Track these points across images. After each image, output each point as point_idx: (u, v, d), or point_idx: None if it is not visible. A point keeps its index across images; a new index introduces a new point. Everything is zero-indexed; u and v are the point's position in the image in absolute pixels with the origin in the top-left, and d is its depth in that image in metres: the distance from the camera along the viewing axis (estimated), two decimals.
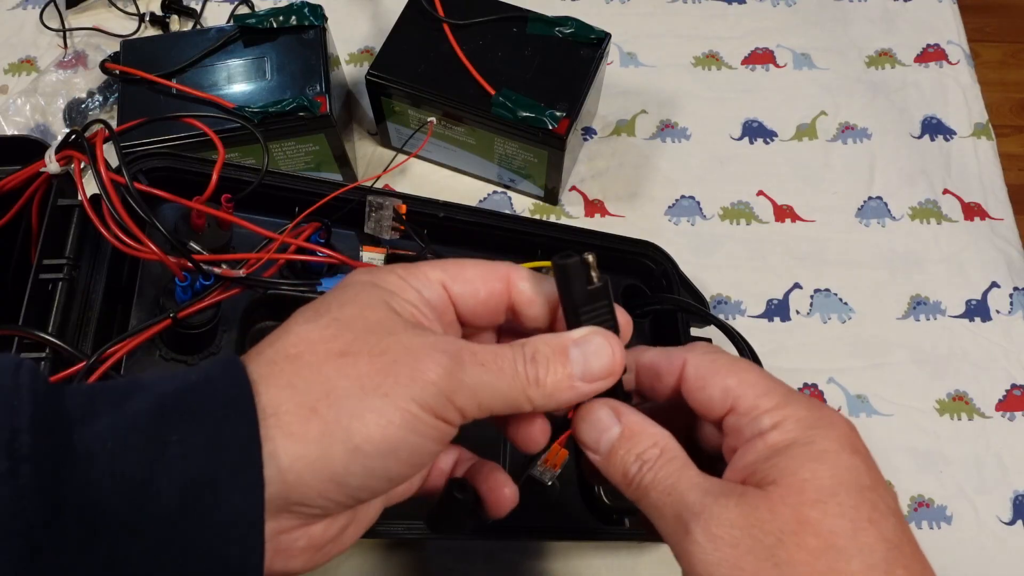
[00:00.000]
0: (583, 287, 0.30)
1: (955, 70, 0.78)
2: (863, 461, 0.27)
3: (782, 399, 0.29)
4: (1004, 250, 0.70)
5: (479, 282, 0.31)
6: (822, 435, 0.27)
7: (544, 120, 0.60)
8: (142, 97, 0.62)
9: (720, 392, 0.30)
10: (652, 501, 0.29)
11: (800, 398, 0.29)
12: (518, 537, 0.56)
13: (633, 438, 0.30)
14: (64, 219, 0.47)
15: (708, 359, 0.31)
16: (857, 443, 0.28)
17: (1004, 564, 0.59)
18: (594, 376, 0.30)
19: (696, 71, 0.78)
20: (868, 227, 0.71)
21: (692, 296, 0.60)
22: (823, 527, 0.25)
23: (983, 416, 0.63)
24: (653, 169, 0.73)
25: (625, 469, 0.30)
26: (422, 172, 0.72)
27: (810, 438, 0.27)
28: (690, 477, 0.28)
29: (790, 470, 0.27)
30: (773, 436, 0.28)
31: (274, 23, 0.64)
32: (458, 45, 0.64)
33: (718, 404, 0.30)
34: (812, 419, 0.28)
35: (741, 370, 0.30)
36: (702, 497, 0.27)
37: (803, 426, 0.28)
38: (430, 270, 0.31)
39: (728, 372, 0.30)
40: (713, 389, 0.30)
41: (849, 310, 0.67)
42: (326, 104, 0.61)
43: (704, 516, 0.27)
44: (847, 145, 0.74)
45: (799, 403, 0.28)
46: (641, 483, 0.29)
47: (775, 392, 0.29)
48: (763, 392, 0.29)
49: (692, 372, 0.31)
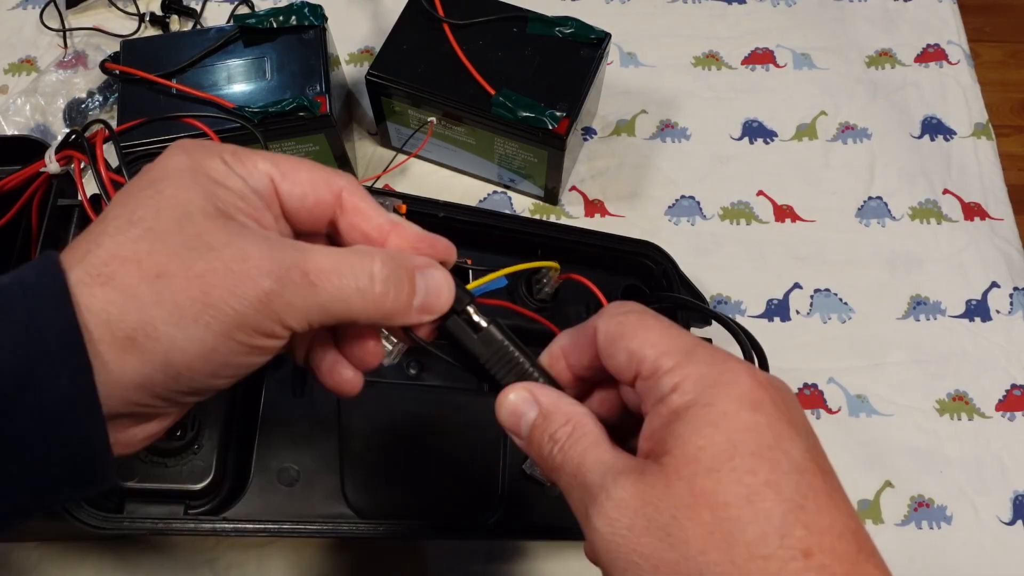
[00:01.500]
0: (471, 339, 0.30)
1: (955, 70, 0.78)
2: (765, 416, 0.25)
3: (683, 356, 0.26)
4: (1004, 250, 0.70)
5: (308, 186, 0.29)
6: (722, 393, 0.25)
7: (544, 120, 0.60)
8: (142, 97, 0.62)
9: (626, 356, 0.27)
10: (563, 483, 0.28)
11: (703, 353, 0.26)
12: (518, 537, 0.56)
13: (548, 418, 0.29)
14: (64, 219, 0.47)
15: (615, 322, 0.28)
16: (760, 396, 0.25)
17: (1004, 564, 0.59)
18: (431, 310, 0.30)
19: (696, 71, 0.78)
20: (868, 227, 0.71)
21: (692, 296, 0.60)
22: (717, 498, 0.24)
23: (983, 416, 0.63)
24: (653, 169, 0.73)
25: (540, 450, 0.29)
26: (422, 172, 0.72)
27: (708, 398, 0.25)
28: (597, 455, 0.27)
29: (685, 437, 0.25)
30: (673, 399, 0.26)
31: (274, 23, 0.64)
32: (458, 45, 0.64)
33: (626, 368, 0.28)
34: (713, 376, 0.26)
35: (645, 329, 0.27)
36: (602, 477, 0.26)
37: (702, 385, 0.25)
38: (261, 161, 0.29)
39: (633, 334, 0.27)
40: (620, 354, 0.28)
41: (849, 310, 0.67)
42: (326, 104, 0.61)
43: (600, 499, 0.25)
44: (847, 145, 0.74)
45: (700, 359, 0.26)
46: (553, 464, 0.28)
47: (676, 350, 0.27)
48: (663, 351, 0.27)
49: (602, 339, 0.29)
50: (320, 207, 0.30)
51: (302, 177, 0.29)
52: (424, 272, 0.30)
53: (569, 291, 0.55)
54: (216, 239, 0.26)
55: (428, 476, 0.52)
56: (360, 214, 0.30)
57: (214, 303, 0.25)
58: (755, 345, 0.51)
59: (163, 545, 0.56)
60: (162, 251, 0.26)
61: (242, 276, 0.26)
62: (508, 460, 0.53)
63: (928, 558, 0.59)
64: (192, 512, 0.46)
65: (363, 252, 0.28)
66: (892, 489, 0.61)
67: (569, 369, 0.31)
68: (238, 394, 0.49)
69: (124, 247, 0.26)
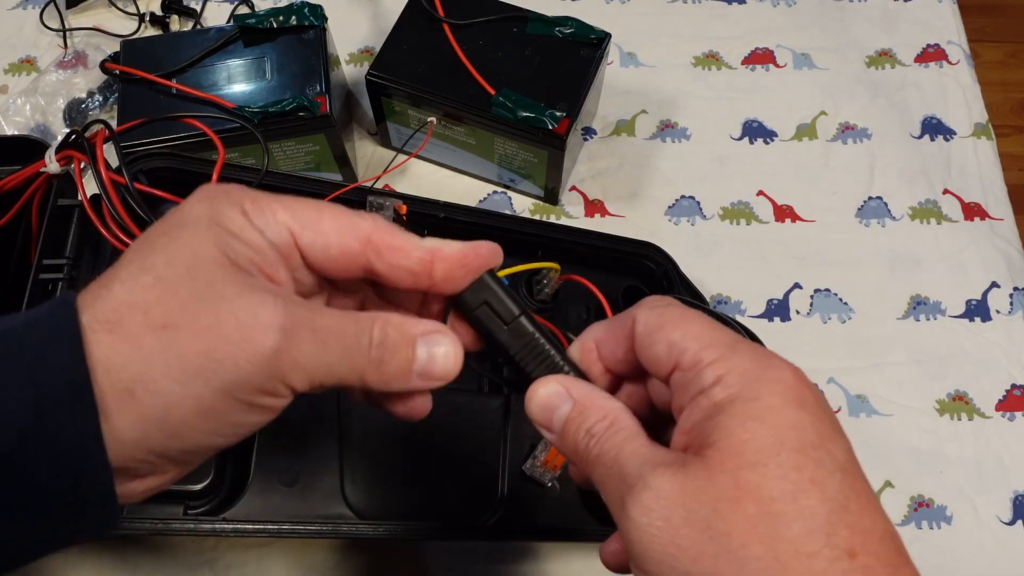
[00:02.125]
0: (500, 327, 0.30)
1: (955, 70, 0.78)
2: (810, 414, 0.25)
3: (727, 349, 0.26)
4: (1004, 250, 0.70)
5: (332, 236, 0.28)
6: (767, 389, 0.25)
7: (544, 120, 0.60)
8: (142, 97, 0.62)
9: (666, 347, 0.27)
10: (598, 476, 0.27)
11: (747, 348, 0.26)
12: (518, 537, 0.56)
13: (584, 412, 0.28)
14: (64, 219, 0.47)
15: (656, 313, 0.28)
16: (805, 394, 0.26)
17: (1004, 564, 0.59)
18: (432, 377, 0.29)
19: (696, 71, 0.78)
20: (868, 227, 0.71)
21: (692, 296, 0.60)
22: (762, 492, 0.23)
23: (983, 416, 0.63)
24: (653, 169, 0.73)
25: (576, 444, 0.28)
26: (422, 172, 0.72)
27: (754, 393, 0.25)
28: (634, 448, 0.27)
29: (729, 430, 0.24)
30: (716, 392, 0.25)
31: (274, 23, 0.64)
32: (458, 45, 0.64)
33: (664, 360, 0.27)
34: (756, 371, 0.26)
35: (687, 322, 0.27)
36: (640, 468, 0.25)
37: (747, 379, 0.25)
38: (281, 211, 0.28)
39: (674, 326, 0.27)
40: (659, 345, 0.27)
41: (849, 310, 0.67)
42: (326, 104, 0.61)
43: (638, 488, 0.25)
44: (847, 145, 0.74)
45: (744, 353, 0.26)
46: (588, 457, 0.28)
47: (719, 343, 0.26)
48: (707, 344, 0.26)
49: (641, 329, 0.28)
50: (346, 256, 0.29)
51: (324, 227, 0.28)
52: (428, 338, 0.29)
53: (569, 292, 0.55)
54: (227, 290, 0.26)
55: (428, 476, 0.52)
56: (398, 252, 0.29)
57: (219, 358, 0.25)
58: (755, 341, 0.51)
59: (163, 545, 0.56)
60: (171, 301, 0.25)
61: (252, 330, 0.25)
62: (508, 460, 0.53)
63: (928, 558, 0.59)
64: (192, 512, 0.46)
65: (367, 317, 0.28)
66: (892, 489, 0.61)
67: (601, 361, 0.31)
68: None
69: (134, 294, 0.25)
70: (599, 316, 0.55)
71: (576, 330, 0.55)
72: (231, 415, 0.26)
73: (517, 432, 0.53)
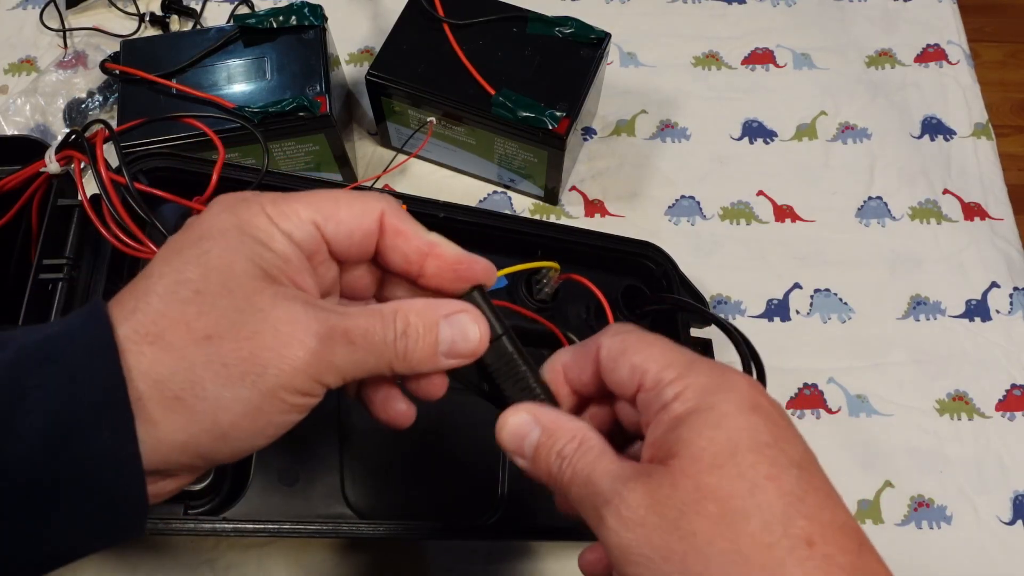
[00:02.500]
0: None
1: (955, 70, 0.78)
2: (764, 418, 0.27)
3: (684, 368, 0.28)
4: (1004, 250, 0.70)
5: (353, 222, 0.30)
6: (721, 399, 0.27)
7: (544, 120, 0.60)
8: (142, 97, 0.62)
9: (628, 370, 0.29)
10: (574, 495, 0.29)
11: (703, 365, 0.28)
12: (518, 537, 0.56)
13: (552, 436, 0.30)
14: (64, 219, 0.47)
15: (618, 340, 0.30)
16: (759, 400, 0.27)
17: (1004, 564, 0.59)
18: (459, 355, 0.30)
19: (696, 71, 0.78)
20: (868, 227, 0.71)
21: (692, 296, 0.60)
22: (721, 491, 0.25)
23: (983, 416, 0.63)
24: (653, 169, 0.73)
25: (548, 468, 0.29)
26: (422, 172, 0.72)
27: (709, 404, 0.27)
28: (604, 465, 0.28)
29: (689, 440, 0.26)
30: (675, 407, 0.27)
31: (274, 23, 0.64)
32: (458, 45, 0.64)
33: (627, 382, 0.29)
34: (712, 385, 0.27)
35: (647, 345, 0.30)
36: (612, 483, 0.27)
37: (702, 393, 0.27)
38: (303, 209, 0.29)
39: (635, 349, 0.30)
40: (623, 369, 0.30)
41: (849, 310, 0.67)
42: (326, 104, 0.61)
43: (614, 502, 0.27)
44: (847, 145, 0.74)
45: (700, 370, 0.28)
46: (563, 479, 0.29)
47: (678, 362, 0.29)
48: (666, 364, 0.29)
49: (605, 355, 0.31)
50: (367, 238, 0.31)
51: (343, 215, 0.30)
52: (451, 320, 0.30)
53: (569, 291, 0.55)
54: (263, 302, 0.27)
55: (428, 476, 0.52)
56: (400, 235, 0.31)
57: (262, 363, 0.26)
58: (750, 348, 0.51)
59: (163, 545, 0.56)
60: (211, 313, 0.27)
61: (290, 337, 0.27)
62: (508, 460, 0.52)
63: (928, 558, 0.59)
64: (192, 512, 0.46)
65: (390, 310, 0.30)
66: (892, 489, 0.61)
67: (568, 384, 0.33)
68: None
69: (173, 308, 0.27)
70: (599, 316, 0.55)
71: (576, 330, 0.55)
72: (274, 415, 0.28)
73: None
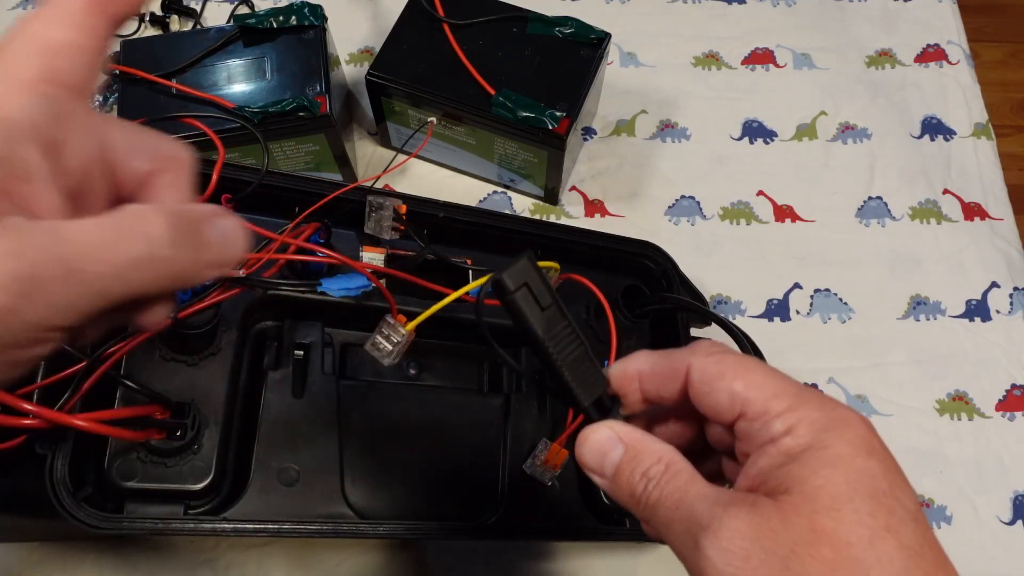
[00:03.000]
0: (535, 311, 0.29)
1: (955, 70, 0.78)
2: (880, 463, 0.26)
3: (794, 400, 0.27)
4: (1004, 250, 0.70)
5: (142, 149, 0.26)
6: (836, 437, 0.26)
7: (544, 120, 0.60)
8: (142, 97, 0.62)
9: (727, 397, 0.28)
10: (661, 518, 0.28)
11: (812, 398, 0.27)
12: (518, 537, 0.56)
13: (637, 457, 0.29)
14: None
15: (712, 361, 0.29)
16: (874, 443, 0.27)
17: (1004, 564, 0.59)
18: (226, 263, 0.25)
19: (696, 71, 0.78)
20: (868, 227, 0.71)
21: (692, 296, 0.60)
22: (838, 537, 0.24)
23: (983, 416, 0.63)
24: (653, 169, 0.73)
25: (632, 489, 0.29)
26: (422, 172, 0.72)
27: (824, 442, 0.26)
28: (698, 489, 0.27)
29: (802, 478, 0.25)
30: (786, 442, 0.26)
31: (274, 23, 0.64)
32: (458, 45, 0.64)
33: (726, 409, 0.28)
34: (826, 421, 0.26)
35: (748, 371, 0.28)
36: (711, 508, 0.26)
37: (816, 429, 0.26)
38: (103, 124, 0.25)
39: (734, 375, 0.28)
40: (720, 394, 0.28)
41: (849, 310, 0.67)
42: (326, 104, 0.61)
43: (714, 528, 0.25)
44: (847, 145, 0.74)
45: (811, 404, 0.27)
46: (648, 501, 0.28)
47: (786, 393, 0.27)
48: (773, 394, 0.27)
49: (697, 377, 0.29)
50: None
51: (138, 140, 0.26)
52: (213, 222, 0.25)
53: (569, 291, 0.55)
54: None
55: (428, 476, 0.52)
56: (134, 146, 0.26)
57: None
58: (754, 347, 0.51)
59: (163, 545, 0.56)
60: None
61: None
62: (508, 460, 0.52)
63: None
64: (192, 512, 0.46)
65: (136, 214, 0.23)
66: None
67: (641, 392, 0.31)
68: (238, 394, 0.49)
69: None
70: (599, 316, 0.55)
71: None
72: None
73: (517, 432, 0.53)
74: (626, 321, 0.56)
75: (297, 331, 0.51)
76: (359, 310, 0.50)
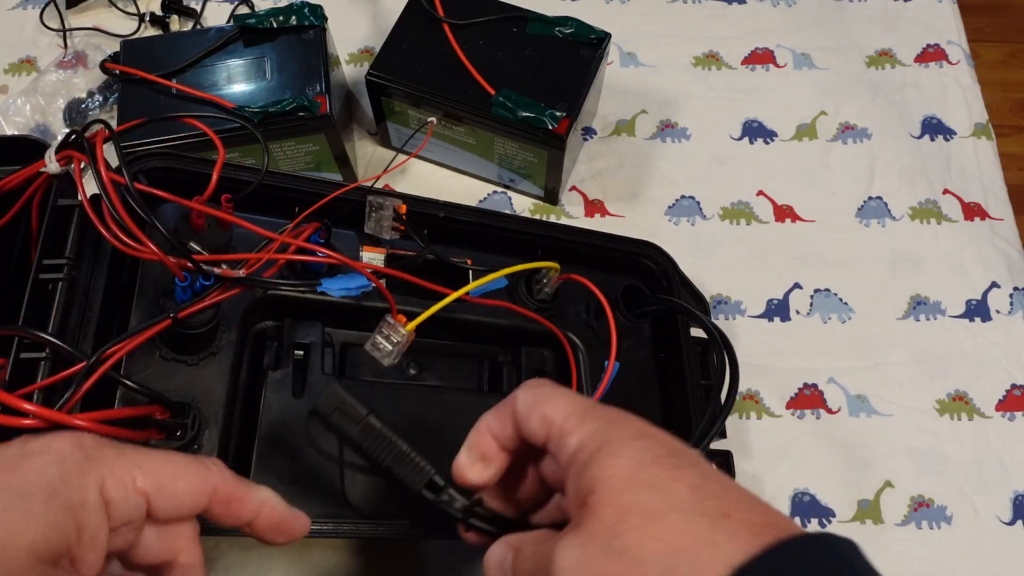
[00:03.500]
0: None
1: (955, 70, 0.78)
2: (654, 439, 0.30)
3: (583, 416, 0.31)
4: (1004, 250, 0.70)
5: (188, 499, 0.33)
6: (614, 433, 0.30)
7: (544, 120, 0.60)
8: (142, 97, 0.62)
9: (539, 421, 0.32)
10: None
11: (597, 412, 0.31)
12: None
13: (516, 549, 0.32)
14: (64, 219, 0.47)
15: (531, 392, 0.33)
16: (646, 429, 0.31)
17: (1004, 564, 0.59)
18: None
19: (696, 71, 0.78)
20: (868, 227, 0.71)
21: (692, 296, 0.60)
22: (639, 503, 0.28)
23: (983, 416, 0.63)
24: (653, 169, 0.73)
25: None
26: (422, 172, 0.72)
27: (606, 440, 0.30)
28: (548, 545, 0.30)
29: (597, 476, 0.29)
30: (579, 455, 0.30)
31: (274, 23, 0.64)
32: (458, 45, 0.64)
33: (539, 432, 0.32)
34: (604, 425, 0.30)
35: (555, 398, 0.32)
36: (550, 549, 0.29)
37: (599, 435, 0.30)
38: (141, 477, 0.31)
39: (545, 401, 0.32)
40: (533, 420, 0.32)
41: (849, 310, 0.67)
42: (326, 104, 0.61)
43: (556, 562, 0.28)
44: (847, 145, 0.74)
45: (593, 416, 0.31)
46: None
47: (577, 411, 0.31)
48: (569, 413, 0.31)
49: (520, 407, 0.33)
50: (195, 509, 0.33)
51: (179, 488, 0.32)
52: None
53: (569, 291, 0.55)
54: None
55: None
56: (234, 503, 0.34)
57: None
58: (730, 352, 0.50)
59: None
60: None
61: None
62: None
63: (928, 558, 0.59)
64: None
65: None
66: (892, 489, 0.61)
67: (495, 440, 0.35)
68: (238, 394, 0.49)
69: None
70: (599, 315, 0.55)
71: (576, 330, 0.55)
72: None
73: None
74: (626, 321, 0.56)
75: (297, 331, 0.51)
76: (359, 310, 0.50)
